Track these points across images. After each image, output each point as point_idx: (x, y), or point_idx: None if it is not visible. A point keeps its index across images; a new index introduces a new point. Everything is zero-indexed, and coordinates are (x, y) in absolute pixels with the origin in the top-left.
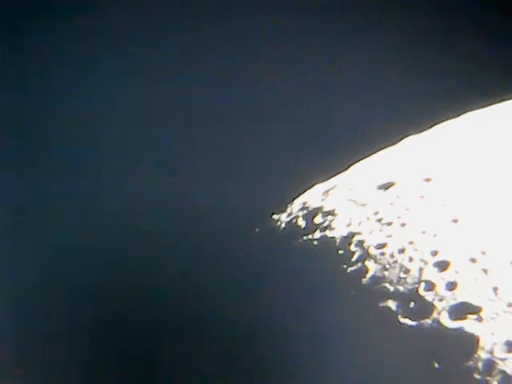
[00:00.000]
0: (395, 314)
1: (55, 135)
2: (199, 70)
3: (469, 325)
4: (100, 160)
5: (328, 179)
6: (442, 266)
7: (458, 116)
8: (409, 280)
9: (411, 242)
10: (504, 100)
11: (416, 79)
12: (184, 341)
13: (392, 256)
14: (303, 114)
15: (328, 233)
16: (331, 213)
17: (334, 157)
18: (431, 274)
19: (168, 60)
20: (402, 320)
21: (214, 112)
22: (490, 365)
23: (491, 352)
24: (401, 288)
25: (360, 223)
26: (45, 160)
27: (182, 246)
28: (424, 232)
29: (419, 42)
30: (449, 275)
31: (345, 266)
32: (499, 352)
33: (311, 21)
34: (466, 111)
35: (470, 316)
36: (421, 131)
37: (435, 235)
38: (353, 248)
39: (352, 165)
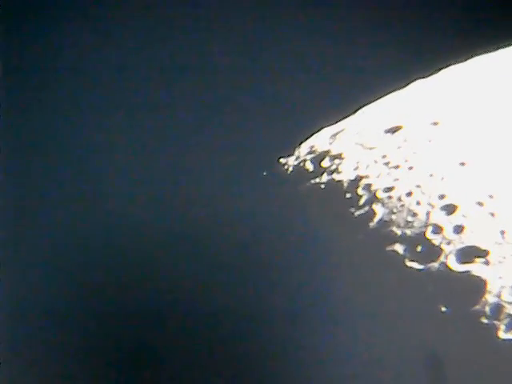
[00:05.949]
0: (402, 257)
1: (55, 135)
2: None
3: (476, 268)
4: (101, 160)
5: (336, 123)
6: (450, 209)
7: (466, 59)
8: (416, 223)
9: (418, 186)
10: None
11: (423, 23)
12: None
13: (399, 199)
14: (310, 57)
15: (335, 176)
16: (339, 156)
17: (342, 100)
18: (438, 217)
19: (167, 61)
20: (409, 263)
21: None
22: (497, 308)
23: (498, 295)
24: (408, 231)
25: (367, 167)
26: (45, 159)
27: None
28: (431, 175)
29: None
30: (456, 218)
31: (352, 210)
32: (506, 296)
33: None
34: (474, 55)
35: (477, 259)
36: (428, 75)
37: (443, 178)
38: (360, 191)
39: (360, 108)
